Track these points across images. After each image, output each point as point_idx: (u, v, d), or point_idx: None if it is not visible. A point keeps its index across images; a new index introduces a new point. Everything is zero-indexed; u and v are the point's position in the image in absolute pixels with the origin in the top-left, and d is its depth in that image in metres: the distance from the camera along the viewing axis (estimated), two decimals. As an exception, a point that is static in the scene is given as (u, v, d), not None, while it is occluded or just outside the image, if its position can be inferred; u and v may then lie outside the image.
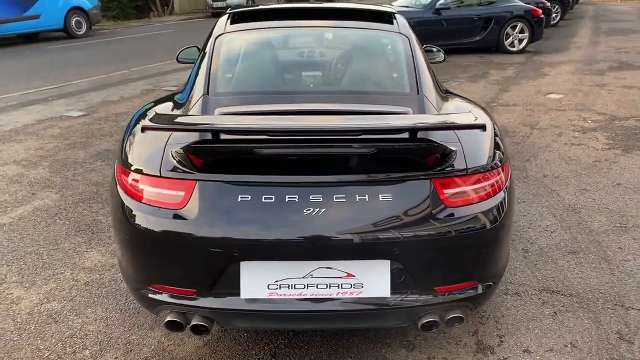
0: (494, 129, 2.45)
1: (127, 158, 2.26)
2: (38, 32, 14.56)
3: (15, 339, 2.58)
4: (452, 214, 2.07)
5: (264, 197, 2.02)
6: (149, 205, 2.10)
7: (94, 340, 2.56)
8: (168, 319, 2.13)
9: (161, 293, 2.15)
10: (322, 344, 2.52)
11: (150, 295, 2.17)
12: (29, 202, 4.10)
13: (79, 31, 15.09)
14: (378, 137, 2.08)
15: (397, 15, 3.20)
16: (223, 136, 2.03)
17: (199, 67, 2.83)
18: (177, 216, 2.05)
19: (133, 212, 2.14)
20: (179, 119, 2.22)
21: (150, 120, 2.04)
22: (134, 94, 7.95)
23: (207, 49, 2.91)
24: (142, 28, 19.06)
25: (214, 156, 2.10)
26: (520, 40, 11.40)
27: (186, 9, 24.66)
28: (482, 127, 2.07)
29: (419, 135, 2.08)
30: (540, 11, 11.44)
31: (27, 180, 4.55)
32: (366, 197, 2.02)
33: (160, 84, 8.65)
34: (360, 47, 3.11)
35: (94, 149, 5.38)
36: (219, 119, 2.28)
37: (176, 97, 2.76)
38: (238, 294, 2.06)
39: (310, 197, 2.01)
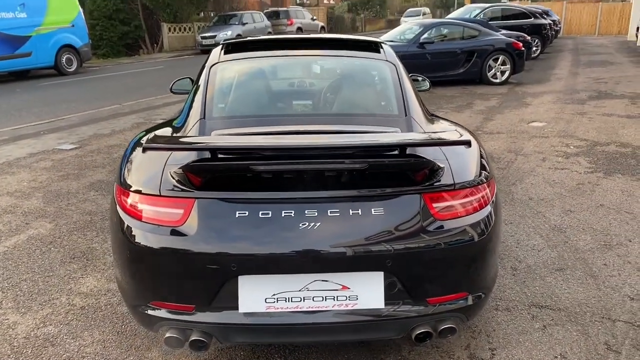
0: (479, 148, 2.58)
1: (126, 180, 2.33)
2: (29, 69, 14.70)
3: (12, 362, 2.60)
4: (442, 227, 2.16)
5: (260, 212, 2.10)
6: (149, 223, 2.17)
7: (92, 362, 2.59)
8: (167, 335, 2.17)
9: (160, 309, 2.20)
10: (318, 360, 2.56)
11: (149, 312, 2.22)
12: (23, 232, 4.13)
13: (70, 68, 15.27)
14: (368, 153, 2.19)
15: (383, 45, 3.35)
16: (221, 155, 2.13)
17: (194, 94, 2.94)
18: (176, 233, 2.12)
19: (133, 231, 2.20)
20: (178, 141, 2.31)
21: (151, 141, 2.13)
22: (126, 127, 8.04)
23: (202, 77, 3.02)
24: (132, 65, 19.30)
25: (212, 174, 2.18)
26: (503, 72, 11.72)
27: (175, 46, 25.03)
28: (467, 143, 2.18)
29: (408, 151, 2.18)
30: (521, 44, 11.80)
31: (21, 210, 4.59)
32: (359, 211, 2.11)
33: (151, 118, 8.76)
34: (349, 74, 3.25)
35: (87, 180, 5.43)
36: (216, 139, 2.38)
37: (174, 123, 2.86)
38: (236, 308, 2.12)
39: (306, 212, 2.09)
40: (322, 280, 2.12)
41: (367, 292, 2.13)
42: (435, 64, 11.42)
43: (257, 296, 2.11)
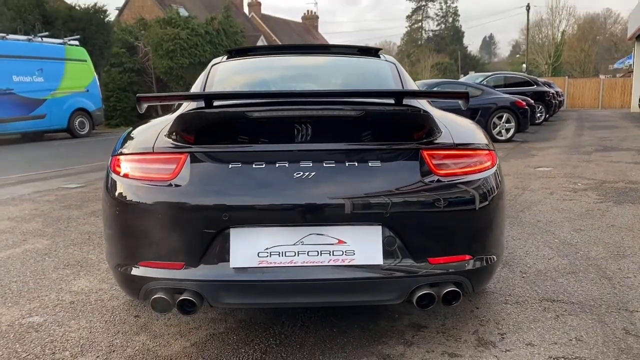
0: (482, 130, 2.55)
1: (122, 149, 2.31)
2: (43, 131, 15.04)
3: (-8, 345, 2.45)
4: (442, 183, 2.09)
5: (254, 164, 2.04)
6: (142, 180, 2.12)
7: (75, 344, 2.43)
8: (155, 296, 2.05)
9: (149, 269, 2.09)
10: (315, 344, 2.39)
11: (138, 274, 2.11)
12: (19, 246, 4.05)
13: (82, 131, 15.62)
14: (365, 100, 2.16)
15: (381, 53, 3.42)
16: (216, 103, 2.11)
17: (194, 86, 2.97)
18: (168, 186, 2.06)
19: (125, 190, 2.16)
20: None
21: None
22: (132, 174, 8.06)
23: (203, 73, 3.06)
24: (144, 132, 19.69)
25: (205, 123, 2.14)
26: (508, 130, 11.83)
27: (187, 117, 25.64)
28: (465, 96, 2.15)
29: (407, 103, 2.15)
30: (525, 103, 11.98)
31: (20, 230, 4.52)
32: (356, 164, 2.06)
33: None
34: (349, 68, 3.27)
35: (89, 209, 5.39)
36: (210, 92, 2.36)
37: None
38: (227, 264, 2.01)
39: (301, 163, 2.04)
40: (318, 234, 2.02)
41: (365, 246, 2.02)
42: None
43: (249, 250, 2.01)
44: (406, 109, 2.15)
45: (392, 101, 2.23)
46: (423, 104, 2.73)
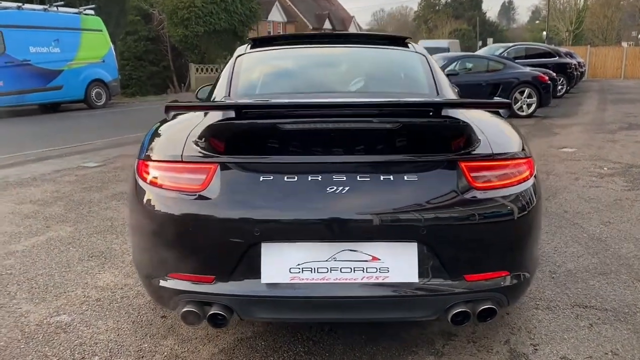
0: (520, 133, 2.43)
1: (148, 153, 2.25)
2: (60, 102, 15.02)
3: (22, 347, 2.46)
4: (480, 198, 2.01)
5: (286, 176, 1.98)
6: (171, 190, 2.07)
7: (104, 348, 2.44)
8: (185, 309, 2.02)
9: (178, 281, 2.06)
10: (344, 352, 2.37)
11: (167, 286, 2.08)
12: (43, 234, 4.06)
13: (99, 102, 15.57)
14: (402, 110, 2.07)
15: (410, 42, 3.29)
16: (245, 112, 2.03)
17: (219, 77, 2.89)
18: (198, 198, 2.01)
19: (153, 200, 2.10)
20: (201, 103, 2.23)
21: (173, 102, 2.05)
22: (150, 150, 8.05)
23: (228, 65, 2.97)
24: (160, 101, 19.64)
25: (237, 134, 2.08)
26: (529, 105, 11.58)
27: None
28: (508, 106, 2.05)
29: (443, 114, 2.06)
30: (547, 77, 11.68)
31: (42, 216, 4.53)
32: (391, 177, 1.98)
33: (176, 143, 8.77)
34: (380, 59, 3.16)
35: (110, 191, 5.40)
36: (240, 102, 2.29)
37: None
38: (259, 279, 1.97)
39: (334, 177, 1.97)
40: (351, 250, 1.97)
41: (400, 264, 1.97)
42: (460, 96, 11.33)
43: (281, 265, 1.96)
44: (444, 120, 2.06)
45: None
46: (451, 94, 2.63)
